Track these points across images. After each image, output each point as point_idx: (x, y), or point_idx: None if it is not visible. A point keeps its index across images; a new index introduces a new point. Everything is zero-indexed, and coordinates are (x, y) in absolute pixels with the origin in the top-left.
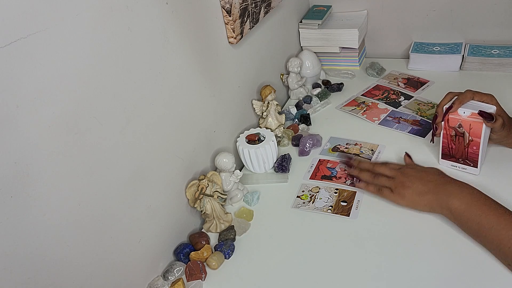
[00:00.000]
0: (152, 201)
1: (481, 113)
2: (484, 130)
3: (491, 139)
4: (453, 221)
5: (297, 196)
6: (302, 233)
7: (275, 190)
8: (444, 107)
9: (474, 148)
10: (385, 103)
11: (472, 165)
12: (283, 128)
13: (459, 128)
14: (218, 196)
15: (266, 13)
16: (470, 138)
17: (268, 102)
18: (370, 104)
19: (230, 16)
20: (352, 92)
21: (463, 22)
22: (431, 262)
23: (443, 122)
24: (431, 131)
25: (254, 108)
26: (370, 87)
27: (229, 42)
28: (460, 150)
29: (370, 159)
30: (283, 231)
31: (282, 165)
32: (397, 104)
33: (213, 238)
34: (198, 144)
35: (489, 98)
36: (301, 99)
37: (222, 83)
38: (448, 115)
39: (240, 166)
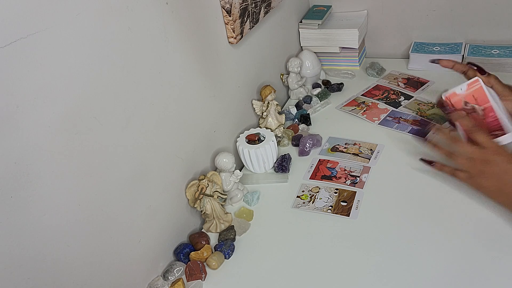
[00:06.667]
0: (152, 201)
1: (471, 64)
2: (489, 92)
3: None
4: None
5: (297, 196)
6: (302, 233)
7: (275, 190)
8: (443, 95)
9: (491, 114)
10: (385, 103)
11: (500, 134)
12: (283, 128)
13: (466, 105)
14: (218, 196)
15: (266, 13)
16: (481, 107)
17: (268, 102)
18: (370, 104)
19: (230, 16)
20: (352, 92)
21: (463, 22)
22: (431, 263)
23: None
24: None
25: (254, 108)
26: (370, 87)
27: (229, 42)
28: (481, 125)
29: (369, 159)
30: (283, 231)
31: (282, 165)
32: (397, 104)
33: (213, 238)
34: (198, 144)
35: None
36: (301, 99)
37: (222, 83)
38: (450, 100)
39: (240, 166)
